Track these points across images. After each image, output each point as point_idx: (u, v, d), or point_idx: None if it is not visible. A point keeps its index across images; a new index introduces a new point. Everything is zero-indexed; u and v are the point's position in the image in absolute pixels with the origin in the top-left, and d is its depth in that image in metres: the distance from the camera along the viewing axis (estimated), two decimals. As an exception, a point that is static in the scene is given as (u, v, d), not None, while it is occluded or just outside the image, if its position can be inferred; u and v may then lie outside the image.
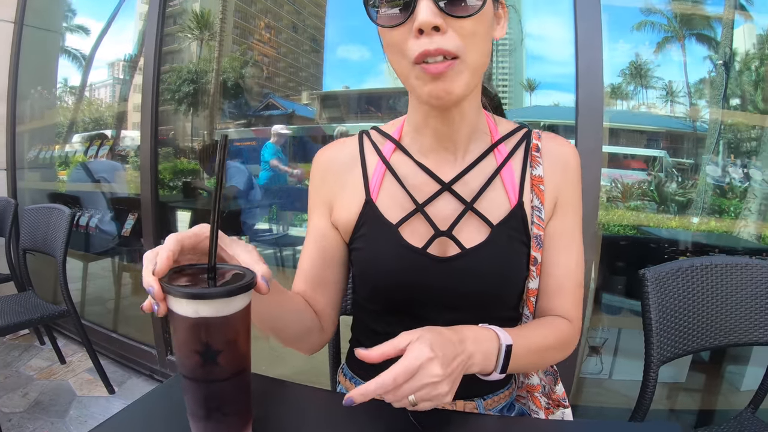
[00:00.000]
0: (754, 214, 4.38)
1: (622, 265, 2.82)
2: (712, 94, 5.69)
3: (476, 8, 0.80)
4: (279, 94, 7.13)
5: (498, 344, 0.86)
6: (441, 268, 0.98)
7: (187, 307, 0.64)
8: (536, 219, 1.01)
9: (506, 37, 5.68)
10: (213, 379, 0.68)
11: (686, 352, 1.62)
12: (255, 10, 7.85)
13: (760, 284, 1.68)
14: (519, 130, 1.08)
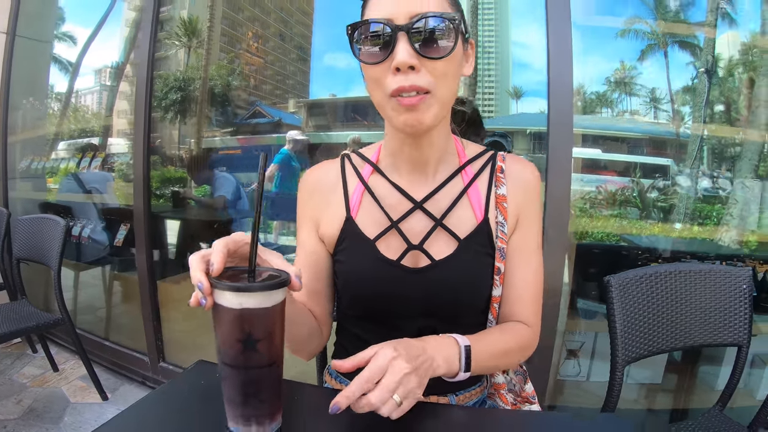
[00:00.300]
0: (735, 219, 4.47)
1: (595, 272, 2.91)
2: (694, 101, 5.79)
3: (447, 51, 0.93)
4: (266, 102, 7.16)
5: (457, 347, 0.97)
6: (414, 279, 1.09)
7: (233, 300, 0.74)
8: (500, 233, 1.12)
9: (492, 46, 5.72)
10: (252, 365, 0.77)
11: (650, 353, 1.71)
12: (242, 18, 7.87)
13: (722, 289, 1.78)
14: (485, 152, 1.21)
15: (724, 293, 1.80)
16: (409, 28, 0.91)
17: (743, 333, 1.81)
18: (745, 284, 1.79)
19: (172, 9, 6.06)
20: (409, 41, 0.91)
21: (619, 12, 5.37)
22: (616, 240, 3.76)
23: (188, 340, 3.32)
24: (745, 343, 1.80)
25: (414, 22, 0.91)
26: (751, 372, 2.82)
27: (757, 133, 4.75)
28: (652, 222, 5.01)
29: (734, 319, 1.80)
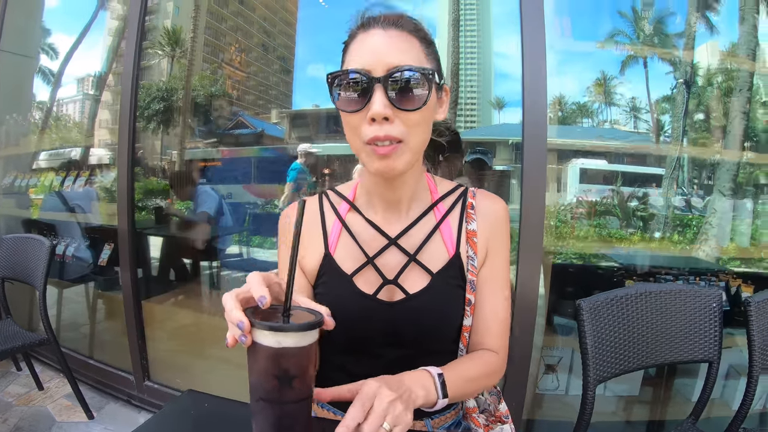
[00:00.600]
0: (714, 228, 4.52)
1: (572, 290, 2.95)
2: (673, 111, 5.85)
3: (421, 103, 0.99)
4: (249, 113, 7.15)
5: (431, 377, 1.01)
6: (389, 312, 1.15)
7: (271, 339, 0.77)
8: (470, 267, 1.18)
9: (474, 57, 5.74)
10: (287, 400, 0.80)
11: (622, 372, 1.75)
12: (226, 28, 7.86)
13: (693, 308, 1.82)
14: (457, 189, 1.27)
15: (695, 312, 1.83)
16: (385, 81, 0.96)
17: (714, 350, 1.84)
18: (715, 303, 1.83)
19: (155, 18, 6.05)
20: (385, 93, 0.96)
21: (600, 25, 5.42)
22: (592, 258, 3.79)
23: (173, 359, 3.32)
24: (715, 359, 1.84)
25: (390, 75, 0.96)
26: (727, 383, 2.86)
27: (734, 143, 4.82)
28: (632, 231, 5.06)
29: (705, 336, 1.84)
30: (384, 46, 1.00)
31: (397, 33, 1.01)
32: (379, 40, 1.00)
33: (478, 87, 6.94)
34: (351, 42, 1.05)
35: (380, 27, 1.02)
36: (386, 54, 0.98)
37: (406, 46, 1.01)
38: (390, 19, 1.03)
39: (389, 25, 1.02)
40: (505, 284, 1.25)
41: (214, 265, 4.54)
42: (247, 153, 6.33)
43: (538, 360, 2.85)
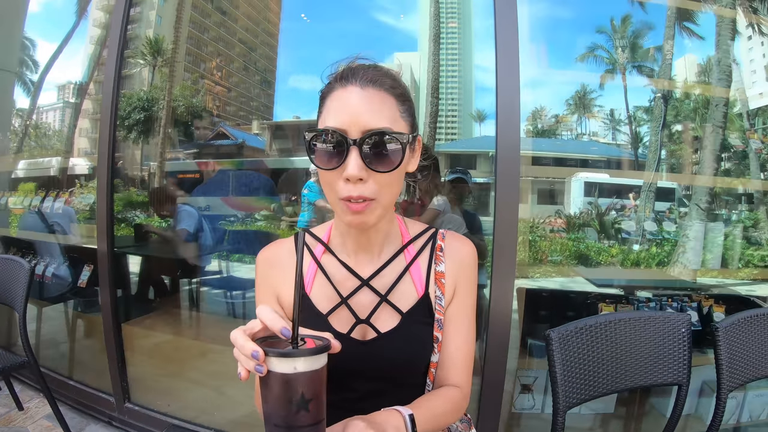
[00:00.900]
0: (692, 241, 4.58)
1: (545, 314, 2.99)
2: (651, 124, 5.91)
3: (395, 164, 1.03)
4: (229, 124, 7.13)
5: (402, 417, 1.06)
6: (362, 350, 1.18)
7: (285, 365, 0.81)
8: (438, 306, 1.24)
9: (455, 71, 5.79)
10: (302, 425, 0.83)
11: (591, 397, 1.78)
12: (208, 38, 7.84)
13: (662, 333, 1.86)
14: (427, 231, 1.32)
15: (664, 337, 1.87)
16: (361, 143, 1.00)
17: (683, 373, 1.87)
18: (684, 328, 1.86)
19: (137, 27, 6.03)
20: (360, 155, 1.00)
21: (579, 40, 5.47)
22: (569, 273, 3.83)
23: (154, 380, 3.29)
24: (684, 382, 1.87)
25: (366, 138, 1.00)
26: (701, 400, 2.90)
27: (710, 156, 4.88)
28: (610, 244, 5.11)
29: (674, 360, 1.87)
30: (360, 106, 1.03)
31: (374, 92, 1.05)
32: (356, 99, 1.04)
33: (459, 100, 7.00)
34: (329, 95, 1.08)
35: (358, 84, 1.05)
36: (362, 115, 1.02)
37: (382, 107, 1.05)
38: (368, 76, 1.06)
39: (367, 83, 1.05)
40: (470, 323, 1.30)
41: (193, 282, 4.52)
42: (226, 165, 6.30)
43: (513, 380, 2.88)
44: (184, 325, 4.10)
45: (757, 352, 1.97)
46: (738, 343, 1.92)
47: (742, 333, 1.94)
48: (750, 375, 1.97)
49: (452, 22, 6.85)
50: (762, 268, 4.48)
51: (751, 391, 2.91)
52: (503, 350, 2.32)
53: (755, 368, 1.98)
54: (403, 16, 6.90)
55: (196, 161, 6.60)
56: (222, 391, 3.06)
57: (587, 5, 5.45)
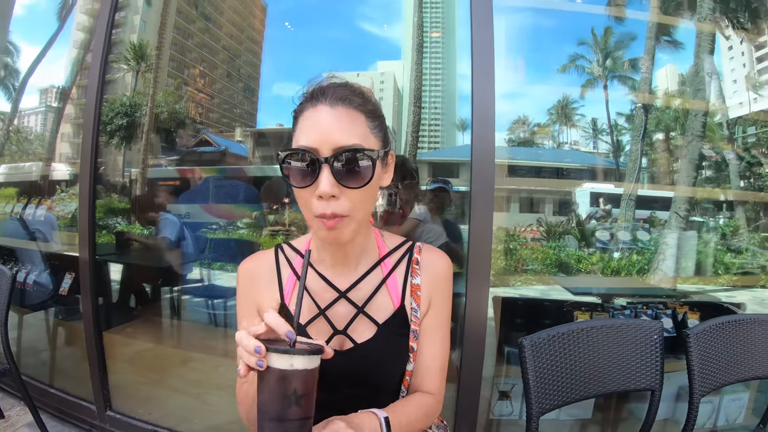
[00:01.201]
0: (671, 249, 4.63)
1: (521, 322, 3.02)
2: (632, 134, 5.97)
3: (366, 180, 1.07)
4: (212, 131, 7.11)
5: (377, 419, 1.11)
6: (339, 359, 1.17)
7: (284, 362, 0.90)
8: (413, 317, 1.28)
9: (438, 79, 5.80)
10: (293, 418, 0.91)
11: (564, 403, 1.81)
12: (192, 44, 7.81)
13: (635, 341, 1.89)
14: (404, 244, 1.36)
15: (637, 344, 1.90)
16: (332, 161, 1.03)
17: (656, 378, 1.90)
18: (656, 335, 1.89)
19: (121, 32, 5.99)
20: (332, 172, 1.03)
21: (561, 50, 5.52)
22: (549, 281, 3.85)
23: (136, 388, 3.27)
24: (657, 387, 1.90)
25: (337, 155, 1.03)
26: (677, 404, 2.93)
27: (690, 165, 4.94)
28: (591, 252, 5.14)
29: (647, 366, 1.90)
30: (330, 125, 1.06)
31: (344, 110, 1.07)
32: (326, 118, 1.06)
33: (442, 109, 7.02)
34: (300, 114, 1.11)
35: (328, 103, 1.07)
36: (332, 133, 1.05)
37: (352, 125, 1.08)
38: (338, 95, 1.08)
39: (336, 101, 1.07)
40: (444, 334, 1.34)
41: (175, 291, 4.50)
42: (207, 172, 6.27)
43: (491, 387, 2.89)
44: (165, 333, 4.09)
45: (728, 357, 2.01)
46: (709, 349, 1.96)
47: (714, 339, 1.98)
48: (721, 380, 2.01)
49: (436, 31, 6.90)
50: (741, 275, 4.54)
51: (727, 395, 2.95)
52: (479, 357, 2.34)
53: (726, 374, 2.01)
54: (387, 26, 7.01)
55: (177, 168, 6.56)
56: (203, 399, 3.05)
57: (569, 16, 5.50)
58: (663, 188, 5.91)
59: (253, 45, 7.70)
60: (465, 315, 2.29)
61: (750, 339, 2.06)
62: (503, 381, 2.92)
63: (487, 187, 2.30)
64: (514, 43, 4.84)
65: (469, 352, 2.32)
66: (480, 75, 2.33)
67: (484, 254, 2.31)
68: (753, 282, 4.52)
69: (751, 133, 5.87)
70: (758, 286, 4.45)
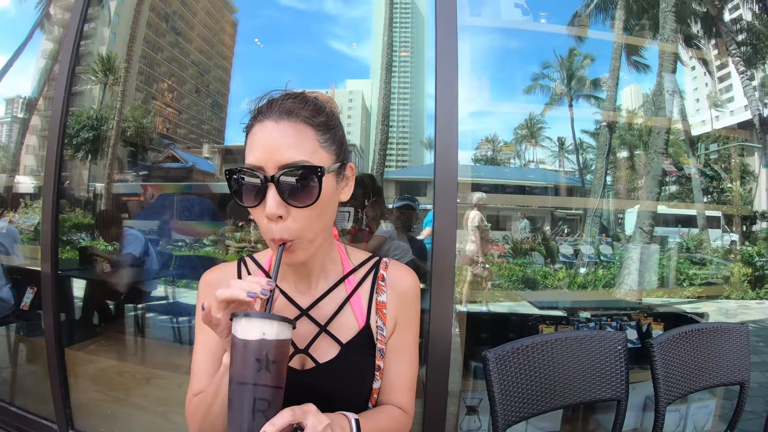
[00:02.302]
0: (636, 263, 4.70)
1: (486, 336, 3.04)
2: (597, 152, 6.07)
3: (314, 198, 1.01)
4: (180, 146, 7.02)
5: (348, 422, 1.07)
6: (300, 379, 1.16)
7: (258, 327, 0.92)
8: (380, 336, 1.24)
9: (407, 99, 5.89)
10: (264, 383, 0.91)
11: (531, 414, 1.82)
12: (161, 58, 7.74)
13: (599, 351, 1.91)
14: (369, 260, 1.32)
15: (601, 355, 1.92)
16: (277, 179, 0.98)
17: (621, 388, 1.92)
18: (620, 345, 1.92)
19: (91, 44, 5.91)
20: (278, 191, 0.99)
21: (527, 70, 5.61)
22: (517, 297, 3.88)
23: (98, 406, 3.19)
24: (623, 397, 1.92)
25: (282, 173, 0.98)
26: (645, 414, 2.97)
27: (654, 181, 5.05)
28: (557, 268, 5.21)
29: (612, 377, 1.92)
30: (275, 141, 1.01)
31: (289, 125, 1.02)
32: (270, 134, 1.01)
33: (411, 127, 7.07)
34: (249, 131, 1.07)
35: (273, 119, 1.02)
36: (277, 150, 1.00)
37: (298, 139, 1.02)
38: (283, 108, 1.03)
39: (282, 116, 1.02)
40: (413, 353, 1.31)
41: (139, 308, 4.42)
42: (169, 189, 6.18)
43: (458, 402, 2.89)
44: (129, 350, 4.00)
45: (693, 366, 2.04)
46: (673, 358, 1.99)
47: (678, 348, 2.01)
48: (686, 388, 2.04)
49: (404, 50, 6.98)
50: (705, 285, 4.64)
51: (694, 403, 3.00)
52: (444, 373, 2.33)
53: (691, 382, 2.05)
54: (356, 45, 7.04)
55: (141, 184, 6.46)
56: (167, 417, 2.98)
57: (535, 38, 5.62)
58: (626, 204, 6.03)
59: (223, 61, 7.67)
60: (429, 330, 2.29)
61: (713, 347, 2.10)
62: (470, 396, 2.91)
63: (450, 202, 2.31)
64: (481, 64, 4.90)
65: (434, 368, 2.32)
66: (444, 95, 2.35)
67: (447, 268, 2.31)
68: (717, 292, 4.61)
69: (713, 149, 6.02)
70: (722, 297, 4.55)
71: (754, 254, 5.26)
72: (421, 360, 2.22)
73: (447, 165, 2.31)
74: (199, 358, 1.23)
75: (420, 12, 6.30)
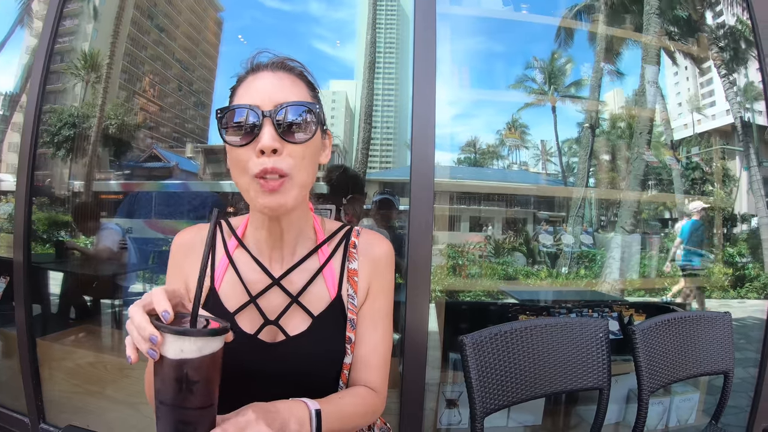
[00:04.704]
0: (617, 261, 4.73)
1: (465, 327, 3.02)
2: (580, 153, 6.12)
3: (307, 137, 1.04)
4: (162, 146, 6.95)
5: (308, 411, 1.02)
6: (269, 352, 1.15)
7: (176, 344, 0.80)
8: (350, 305, 1.22)
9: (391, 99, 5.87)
10: (188, 407, 0.82)
11: (510, 403, 1.79)
12: (145, 56, 7.67)
13: (580, 339, 1.89)
14: (342, 229, 1.31)
15: (582, 343, 1.91)
16: (274, 115, 1.01)
17: (603, 377, 1.91)
18: (602, 333, 1.91)
19: (74, 40, 5.85)
20: (274, 126, 1.00)
21: (510, 72, 5.65)
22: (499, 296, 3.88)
23: (71, 400, 3.14)
24: (605, 386, 1.91)
25: (278, 110, 1.01)
26: (628, 406, 2.97)
27: (636, 181, 5.08)
28: (539, 268, 5.23)
29: (594, 365, 1.91)
30: (272, 85, 1.05)
31: (285, 74, 1.08)
32: (268, 80, 1.06)
33: (395, 128, 7.05)
34: (239, 85, 1.11)
35: (269, 70, 1.08)
36: (274, 92, 1.04)
37: (294, 86, 1.08)
38: (278, 63, 1.09)
39: (277, 68, 1.08)
40: (386, 323, 1.28)
41: (116, 302, 4.37)
42: (149, 187, 6.11)
43: (437, 396, 2.87)
44: (104, 343, 3.95)
45: (675, 354, 2.04)
46: (656, 346, 1.98)
47: (660, 336, 2.01)
48: (669, 377, 2.03)
49: (389, 50, 6.99)
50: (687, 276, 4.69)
51: (677, 396, 3.01)
52: (421, 366, 2.32)
53: (674, 370, 2.04)
54: (339, 42, 7.06)
55: (120, 182, 6.39)
56: (140, 410, 2.94)
57: (518, 39, 5.65)
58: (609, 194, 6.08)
59: (207, 60, 7.63)
60: (405, 323, 2.28)
61: (697, 336, 2.10)
62: (450, 389, 2.89)
63: (427, 186, 2.32)
64: (463, 65, 4.91)
65: (411, 359, 2.31)
66: (421, 94, 2.38)
67: (423, 261, 2.31)
68: (699, 283, 4.65)
69: (695, 152, 6.09)
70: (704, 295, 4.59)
71: (735, 254, 5.34)
72: (396, 352, 2.20)
73: (423, 150, 2.34)
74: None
75: (405, 13, 6.33)
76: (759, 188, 5.48)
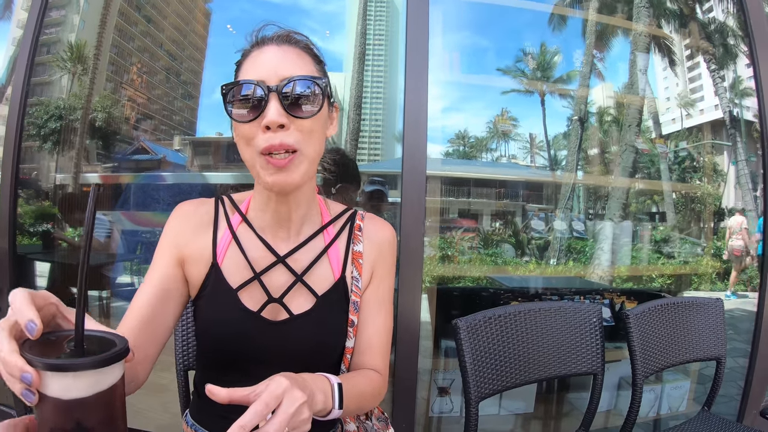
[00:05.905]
0: (606, 253, 4.75)
1: (457, 313, 3.02)
2: (569, 146, 6.15)
3: (314, 111, 1.04)
4: (150, 138, 6.89)
5: (330, 384, 1.02)
6: (272, 330, 1.16)
7: (58, 383, 0.60)
8: (354, 288, 1.23)
9: (380, 91, 5.87)
10: None
11: (504, 388, 1.79)
12: (133, 47, 7.60)
13: (574, 324, 1.89)
14: (347, 211, 1.32)
15: (576, 327, 1.91)
16: (280, 90, 1.00)
17: (597, 362, 1.91)
18: (595, 318, 1.91)
19: (61, 31, 5.79)
20: (280, 101, 1.00)
21: (499, 63, 5.65)
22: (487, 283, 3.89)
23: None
24: (599, 371, 1.91)
25: (284, 84, 1.01)
26: (620, 394, 2.99)
27: (625, 173, 5.12)
28: (527, 259, 5.25)
29: (587, 350, 1.91)
30: (277, 59, 1.05)
31: (290, 48, 1.08)
32: (273, 54, 1.06)
33: (384, 120, 7.03)
34: (244, 60, 1.11)
35: (274, 44, 1.08)
36: (280, 66, 1.04)
37: (299, 60, 1.08)
38: (283, 37, 1.10)
39: (282, 42, 1.09)
40: (388, 307, 1.29)
41: (104, 294, 4.33)
42: (126, 179, 6.07)
43: (429, 384, 2.87)
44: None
45: (668, 340, 2.05)
46: (650, 331, 2.00)
47: (653, 321, 2.02)
48: (663, 362, 2.05)
49: (378, 41, 6.98)
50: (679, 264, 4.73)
51: (668, 383, 3.03)
52: (413, 357, 2.32)
53: (667, 356, 2.06)
54: (329, 32, 7.05)
55: (107, 174, 6.33)
56: (130, 402, 2.93)
57: (507, 30, 5.64)
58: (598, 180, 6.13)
59: (195, 52, 7.57)
60: (397, 312, 2.28)
61: (689, 321, 2.11)
62: (442, 377, 2.89)
63: (419, 173, 2.32)
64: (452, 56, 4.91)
65: (403, 350, 2.31)
66: (413, 86, 2.38)
67: (415, 250, 2.31)
68: (690, 270, 4.68)
69: (683, 147, 6.12)
70: (691, 288, 4.63)
71: (723, 247, 5.39)
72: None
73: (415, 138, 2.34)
74: (140, 291, 1.17)
75: (395, 4, 6.33)
76: (747, 182, 5.53)
